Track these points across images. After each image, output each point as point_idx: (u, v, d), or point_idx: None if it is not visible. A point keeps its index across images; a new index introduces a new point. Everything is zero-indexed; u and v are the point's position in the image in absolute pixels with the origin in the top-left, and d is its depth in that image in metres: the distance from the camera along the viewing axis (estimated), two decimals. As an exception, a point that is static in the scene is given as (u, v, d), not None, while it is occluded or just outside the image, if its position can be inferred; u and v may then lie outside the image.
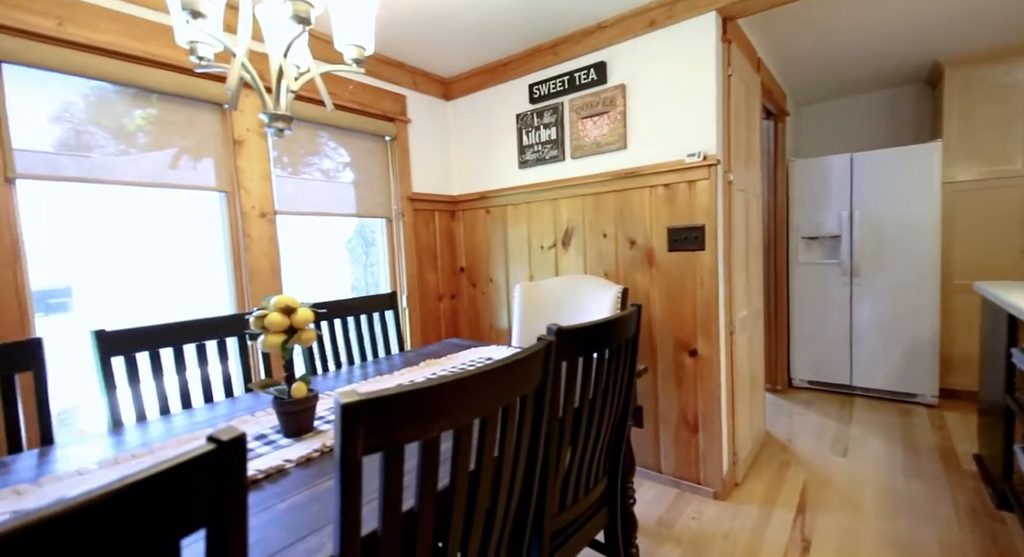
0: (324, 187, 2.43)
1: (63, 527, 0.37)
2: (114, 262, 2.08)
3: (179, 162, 1.92)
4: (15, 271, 1.54)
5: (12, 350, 1.15)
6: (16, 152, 1.55)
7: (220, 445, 0.48)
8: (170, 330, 1.43)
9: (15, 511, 0.83)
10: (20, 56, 1.51)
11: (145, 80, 1.78)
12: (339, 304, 1.93)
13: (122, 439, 1.17)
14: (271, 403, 1.36)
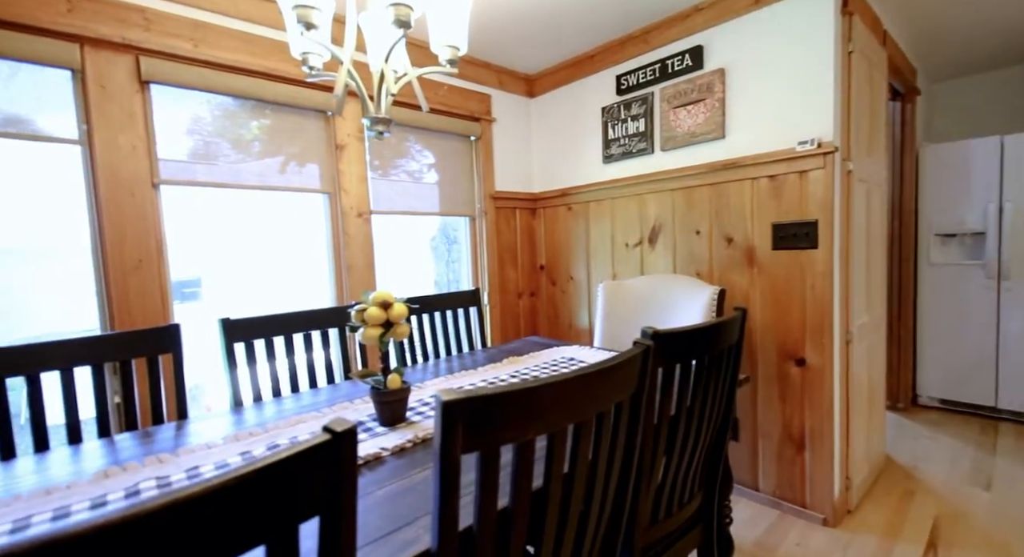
0: (412, 187, 2.54)
1: (201, 506, 0.39)
2: (235, 257, 2.32)
3: (289, 167, 2.10)
4: (159, 264, 1.78)
5: (156, 334, 1.32)
6: (160, 162, 1.78)
7: (335, 436, 0.49)
8: (282, 320, 1.56)
9: (159, 477, 0.95)
10: (165, 76, 1.73)
11: (262, 92, 1.96)
12: (427, 299, 1.99)
13: (241, 418, 1.29)
14: (368, 392, 1.44)
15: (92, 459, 1.06)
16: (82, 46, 1.58)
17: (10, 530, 0.78)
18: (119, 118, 1.66)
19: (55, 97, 1.59)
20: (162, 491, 0.89)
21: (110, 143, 1.65)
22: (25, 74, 1.53)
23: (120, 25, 1.63)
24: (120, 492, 0.89)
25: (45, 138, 1.59)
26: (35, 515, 0.82)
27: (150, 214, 1.75)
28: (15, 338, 5.03)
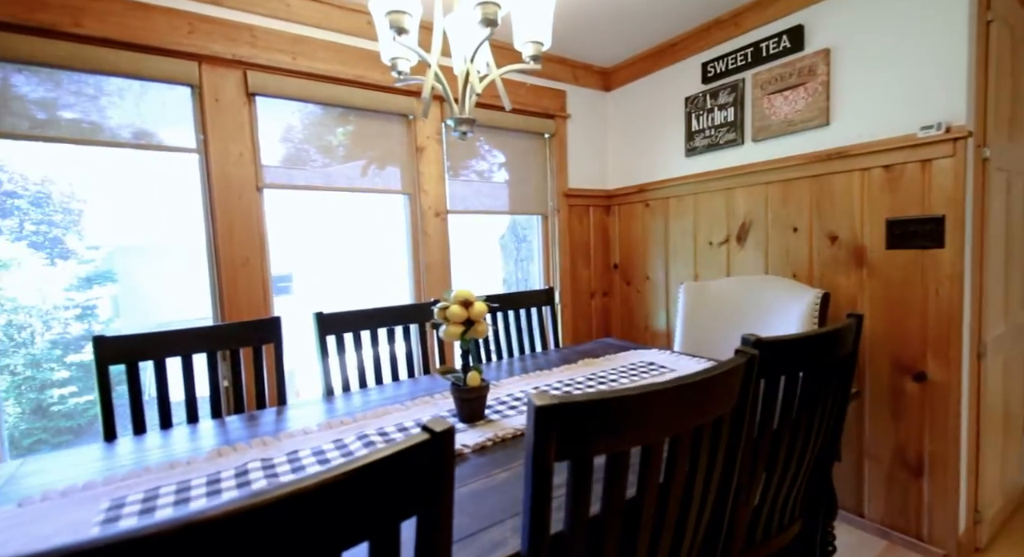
0: (485, 187, 2.56)
1: (317, 498, 0.40)
2: (322, 255, 2.48)
3: (372, 169, 2.20)
4: (262, 261, 1.94)
5: (261, 326, 1.44)
6: (263, 167, 1.94)
7: (433, 435, 0.49)
8: (369, 315, 1.64)
9: (264, 459, 1.02)
10: (268, 88, 1.88)
11: (350, 99, 2.07)
12: (503, 298, 2.00)
13: (332, 406, 1.37)
14: (447, 388, 1.46)
15: (207, 437, 1.17)
16: (200, 64, 1.75)
17: (142, 499, 0.88)
18: (230, 128, 1.83)
19: (176, 111, 1.78)
20: (267, 473, 0.96)
21: (222, 151, 1.82)
22: (153, 92, 1.73)
23: (231, 43, 1.80)
24: (231, 470, 0.97)
25: (169, 148, 1.78)
26: (162, 487, 0.92)
27: (255, 215, 1.91)
28: (145, 325, 5.77)
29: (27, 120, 1.53)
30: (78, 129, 1.61)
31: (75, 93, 1.60)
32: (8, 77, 1.50)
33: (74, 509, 0.85)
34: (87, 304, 7.71)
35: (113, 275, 8.31)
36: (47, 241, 7.64)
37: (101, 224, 8.27)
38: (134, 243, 8.40)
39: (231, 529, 0.36)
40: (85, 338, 7.58)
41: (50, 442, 6.13)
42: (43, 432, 6.32)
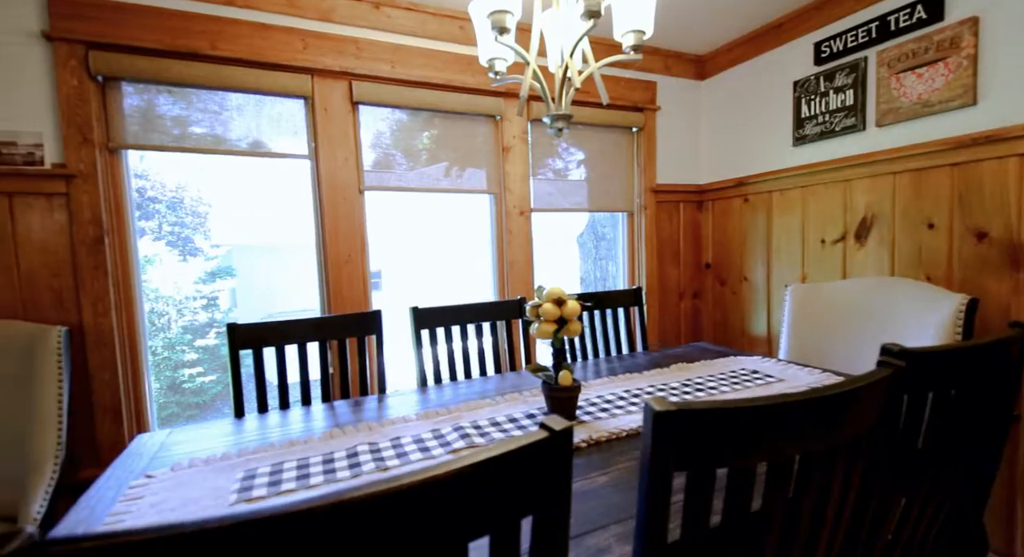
0: (568, 185, 2.53)
1: (448, 487, 0.41)
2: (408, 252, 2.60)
3: (460, 170, 2.27)
4: (362, 259, 2.07)
5: (364, 318, 1.53)
6: (363, 171, 2.07)
7: (553, 434, 0.48)
8: (460, 310, 1.69)
9: (371, 443, 1.09)
10: (370, 97, 2.00)
11: (442, 103, 2.14)
12: (590, 296, 1.96)
13: (426, 397, 1.43)
14: (536, 386, 1.46)
15: (318, 419, 1.27)
16: (312, 77, 1.91)
17: (269, 472, 0.97)
18: (337, 135, 1.98)
19: (291, 122, 1.96)
20: (374, 457, 1.02)
21: (330, 157, 1.97)
22: (269, 105, 1.92)
23: (339, 56, 1.94)
24: (343, 452, 1.05)
25: (285, 155, 1.96)
26: (285, 463, 1.01)
27: (356, 216, 2.05)
28: (258, 315, 6.41)
29: (166, 135, 1.77)
30: (207, 141, 1.83)
31: (202, 110, 1.82)
32: (153, 99, 1.74)
33: (215, 477, 0.96)
34: (211, 295, 8.79)
35: (232, 270, 9.41)
36: (180, 240, 8.78)
37: (223, 225, 9.38)
38: (250, 242, 9.44)
39: (375, 509, 0.38)
40: (210, 325, 8.65)
41: (181, 415, 7.06)
42: (176, 406, 7.29)
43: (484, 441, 1.07)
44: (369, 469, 0.96)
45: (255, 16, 1.81)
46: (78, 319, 1.64)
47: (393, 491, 0.38)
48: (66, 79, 1.59)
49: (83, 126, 1.62)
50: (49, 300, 1.61)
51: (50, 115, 1.59)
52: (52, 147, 1.60)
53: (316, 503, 0.37)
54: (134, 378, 1.78)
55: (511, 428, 1.14)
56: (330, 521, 0.37)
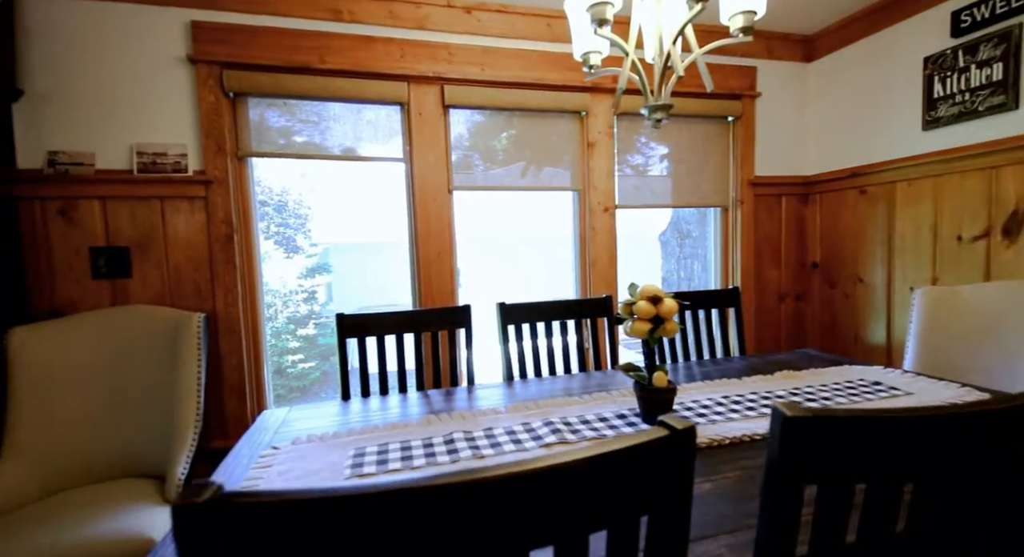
0: (653, 180, 2.43)
1: (576, 474, 0.41)
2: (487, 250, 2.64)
3: (544, 168, 2.27)
4: (450, 256, 2.15)
5: (455, 312, 1.59)
6: (452, 172, 2.15)
7: (675, 433, 0.46)
8: (544, 307, 1.69)
9: (465, 431, 1.12)
10: (460, 99, 2.07)
11: (528, 101, 2.16)
12: (686, 295, 1.88)
13: (513, 391, 1.45)
14: (626, 385, 1.43)
15: (415, 406, 1.34)
16: (408, 83, 2.02)
17: (377, 452, 1.04)
18: (429, 138, 2.07)
19: (387, 127, 2.08)
20: (469, 445, 1.05)
21: (423, 159, 2.07)
22: (368, 112, 2.05)
23: (432, 62, 2.03)
24: (440, 438, 1.09)
25: (383, 159, 2.09)
26: (389, 444, 1.08)
27: (445, 215, 2.13)
28: (356, 308, 6.85)
29: (281, 143, 1.96)
30: (314, 148, 1.99)
31: (311, 120, 1.98)
32: (270, 111, 1.93)
33: (330, 452, 1.05)
34: (311, 289, 9.65)
35: (329, 267, 10.25)
36: (284, 239, 9.73)
37: (321, 225, 10.25)
38: (344, 240, 10.23)
39: (506, 490, 0.39)
40: (309, 317, 9.50)
41: (286, 397, 7.83)
42: (281, 388, 8.10)
43: (575, 438, 1.06)
44: (466, 456, 0.99)
45: (359, 30, 1.94)
46: (212, 308, 1.87)
47: (525, 474, 0.39)
48: (205, 96, 1.82)
49: (218, 137, 1.84)
50: (190, 290, 1.85)
51: (192, 128, 1.83)
52: (194, 156, 1.84)
53: (452, 479, 0.38)
54: (255, 362, 1.99)
55: (602, 427, 1.12)
56: (464, 497, 0.38)
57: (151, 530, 1.28)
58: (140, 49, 1.76)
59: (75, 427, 1.56)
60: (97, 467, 1.57)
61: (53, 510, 1.37)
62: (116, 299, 1.78)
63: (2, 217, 1.61)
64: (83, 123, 1.73)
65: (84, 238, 1.74)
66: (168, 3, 1.76)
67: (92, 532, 1.25)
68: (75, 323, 1.65)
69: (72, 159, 1.71)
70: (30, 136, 1.69)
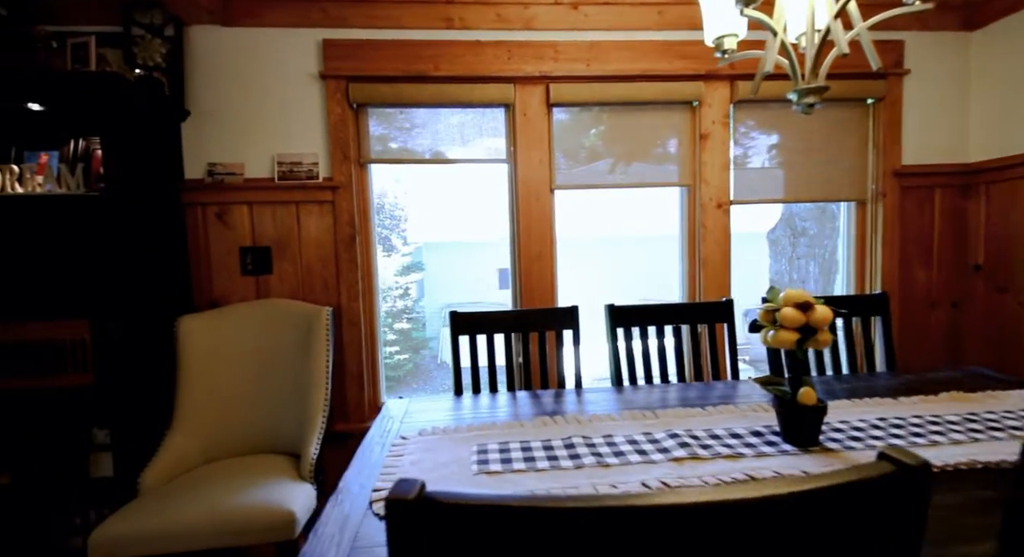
0: (775, 172, 2.21)
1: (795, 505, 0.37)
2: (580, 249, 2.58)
3: (650, 163, 2.17)
4: (551, 256, 2.14)
5: (562, 313, 1.57)
6: (555, 171, 2.13)
7: (905, 469, 0.39)
8: (656, 310, 1.61)
9: (584, 436, 1.10)
10: (565, 97, 2.05)
11: (637, 94, 2.08)
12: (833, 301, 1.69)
13: (625, 397, 1.39)
14: (770, 401, 1.31)
15: (525, 406, 1.34)
16: (515, 85, 2.04)
17: (498, 449, 1.05)
18: (533, 138, 2.07)
19: (491, 129, 2.11)
20: (591, 450, 1.03)
21: (526, 159, 2.08)
22: (473, 116, 2.10)
23: (538, 61, 2.02)
24: (559, 440, 1.08)
25: (488, 161, 2.13)
26: (510, 443, 1.08)
27: (547, 214, 2.12)
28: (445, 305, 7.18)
29: (387, 150, 2.06)
30: (424, 152, 2.08)
31: (414, 127, 2.07)
32: (381, 120, 2.04)
33: (455, 446, 1.08)
34: (405, 286, 10.24)
35: (422, 265, 10.81)
36: (382, 240, 10.37)
37: (415, 226, 10.83)
38: (436, 240, 10.70)
39: (712, 518, 0.35)
40: (403, 312, 10.05)
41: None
42: (381, 377, 8.62)
43: (707, 454, 0.99)
44: (590, 463, 0.97)
45: (470, 35, 1.99)
46: (336, 302, 2.04)
47: (734, 503, 0.35)
48: (333, 108, 1.98)
49: (344, 146, 1.99)
50: (319, 286, 2.03)
51: (322, 138, 2.00)
52: (323, 164, 2.00)
53: (657, 501, 0.36)
54: (371, 352, 2.14)
55: (736, 444, 1.03)
56: (665, 521, 0.35)
57: (291, 503, 1.42)
58: (281, 68, 1.96)
59: (228, 405, 1.78)
60: (245, 441, 1.78)
61: (212, 476, 1.58)
62: (259, 293, 2.00)
63: (173, 221, 1.89)
64: (234, 137, 1.96)
65: (235, 239, 1.98)
66: (304, 25, 1.94)
67: (244, 500, 1.41)
68: (228, 313, 1.88)
69: (226, 169, 1.96)
70: (194, 150, 1.95)
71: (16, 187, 1.64)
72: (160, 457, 1.59)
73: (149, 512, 1.37)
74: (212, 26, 1.92)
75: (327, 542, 0.73)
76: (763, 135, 2.21)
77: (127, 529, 1.32)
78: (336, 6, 1.93)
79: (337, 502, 0.86)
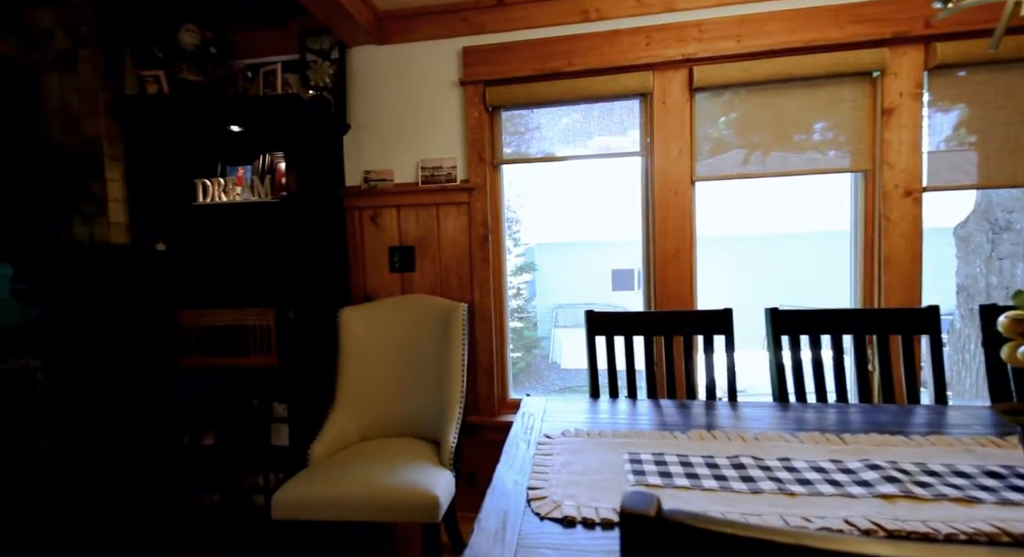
0: (979, 153, 1.77)
1: None
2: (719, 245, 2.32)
3: (813, 146, 1.88)
4: (690, 254, 1.97)
5: (714, 316, 1.43)
6: (696, 162, 1.96)
7: None
8: (834, 317, 1.39)
9: (755, 456, 0.96)
10: (710, 79, 1.87)
11: (799, 69, 1.82)
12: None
13: (789, 414, 1.21)
14: (1017, 435, 1.05)
15: (672, 415, 1.23)
16: (653, 72, 1.92)
17: (653, 460, 0.97)
18: (672, 127, 1.93)
19: (621, 121, 2.01)
20: (767, 474, 0.89)
21: (664, 150, 1.95)
22: (604, 110, 2.01)
23: (680, 44, 1.88)
24: (724, 459, 0.96)
25: (620, 154, 2.04)
26: (665, 455, 0.99)
27: (686, 209, 1.96)
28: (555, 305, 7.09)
29: (517, 151, 2.07)
30: (549, 151, 2.05)
31: (543, 126, 2.04)
32: (513, 121, 2.05)
33: (602, 451, 1.02)
34: (518, 285, 10.46)
35: (534, 265, 10.96)
36: (498, 240, 10.70)
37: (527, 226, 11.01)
38: (547, 241, 10.76)
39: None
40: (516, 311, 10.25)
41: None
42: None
43: (926, 494, 0.80)
44: (769, 489, 0.84)
45: (605, 26, 1.93)
46: (470, 298, 2.11)
47: None
48: (471, 113, 2.06)
49: (480, 148, 2.06)
50: (455, 283, 2.13)
51: (459, 142, 2.09)
52: (460, 167, 2.09)
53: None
54: (500, 348, 2.18)
55: (965, 485, 0.82)
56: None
57: (435, 488, 1.49)
58: (425, 79, 2.09)
59: (379, 389, 1.94)
60: (392, 424, 1.93)
61: (367, 454, 1.72)
62: (404, 289, 2.16)
63: (336, 223, 2.12)
64: (385, 146, 2.14)
65: (384, 239, 2.16)
66: (447, 35, 2.04)
67: (395, 479, 1.51)
68: (379, 307, 2.05)
69: (379, 176, 2.14)
70: (352, 159, 2.17)
71: (223, 196, 1.98)
72: (325, 432, 1.79)
73: (318, 482, 1.54)
74: (369, 46, 2.12)
75: (492, 538, 0.73)
76: (962, 108, 1.79)
77: (302, 494, 1.50)
78: (476, 14, 2.00)
79: (496, 495, 0.86)
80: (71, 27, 1.84)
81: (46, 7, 1.84)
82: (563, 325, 9.49)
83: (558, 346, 9.12)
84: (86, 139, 1.86)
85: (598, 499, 0.82)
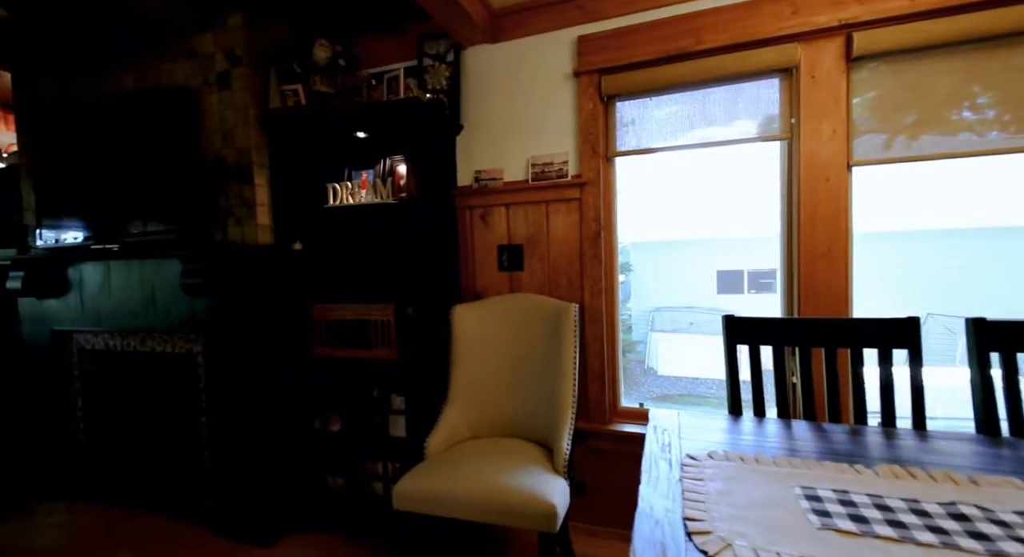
0: None
1: None
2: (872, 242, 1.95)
3: (1004, 118, 1.51)
4: (845, 252, 1.69)
5: (895, 325, 1.18)
6: (854, 143, 1.67)
7: None
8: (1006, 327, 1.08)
9: (980, 506, 0.76)
10: (878, 45, 1.58)
11: (996, 24, 1.47)
12: None
13: (1002, 451, 0.95)
14: None
15: (842, 442, 1.03)
16: (799, 43, 1.67)
17: (836, 499, 0.81)
18: (824, 104, 1.67)
19: (759, 102, 1.78)
20: (1001, 530, 0.69)
21: (813, 131, 1.69)
22: (737, 91, 1.79)
23: (836, 8, 1.62)
24: (934, 504, 0.77)
25: (757, 139, 1.81)
26: (851, 493, 0.82)
27: (841, 198, 1.68)
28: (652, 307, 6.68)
29: (633, 141, 1.92)
30: (670, 140, 1.87)
31: (676, 109, 1.88)
32: (630, 110, 1.91)
33: (765, 482, 0.87)
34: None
35: (629, 266, 10.53)
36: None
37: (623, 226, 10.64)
38: (644, 240, 10.27)
39: None
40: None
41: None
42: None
43: None
44: (1014, 551, 0.65)
45: (741, -4, 1.72)
46: (580, 298, 2.02)
47: None
48: (584, 104, 1.96)
49: (593, 141, 1.96)
50: (564, 282, 2.05)
51: (571, 136, 2.01)
52: (571, 162, 2.01)
53: None
54: (611, 352, 2.06)
55: None
56: None
57: (552, 496, 1.43)
58: (536, 74, 2.04)
59: (489, 388, 1.93)
60: (501, 424, 1.91)
61: (479, 452, 1.71)
62: (512, 287, 2.13)
63: (449, 223, 2.15)
64: (495, 144, 2.13)
65: (494, 238, 2.15)
66: (562, 26, 1.97)
67: (511, 482, 1.47)
68: (488, 305, 2.04)
69: (489, 175, 2.14)
70: (464, 159, 2.19)
71: (349, 199, 2.10)
72: (440, 427, 1.82)
73: (436, 476, 1.56)
74: (482, 46, 2.12)
75: (656, 574, 0.63)
76: None
77: (422, 486, 1.52)
78: (593, 0, 1.91)
79: (647, 523, 0.76)
80: (228, 50, 2.07)
81: (208, 32, 2.09)
82: (660, 329, 9.01)
83: (655, 351, 8.66)
84: (239, 150, 2.08)
85: (776, 542, 0.69)
